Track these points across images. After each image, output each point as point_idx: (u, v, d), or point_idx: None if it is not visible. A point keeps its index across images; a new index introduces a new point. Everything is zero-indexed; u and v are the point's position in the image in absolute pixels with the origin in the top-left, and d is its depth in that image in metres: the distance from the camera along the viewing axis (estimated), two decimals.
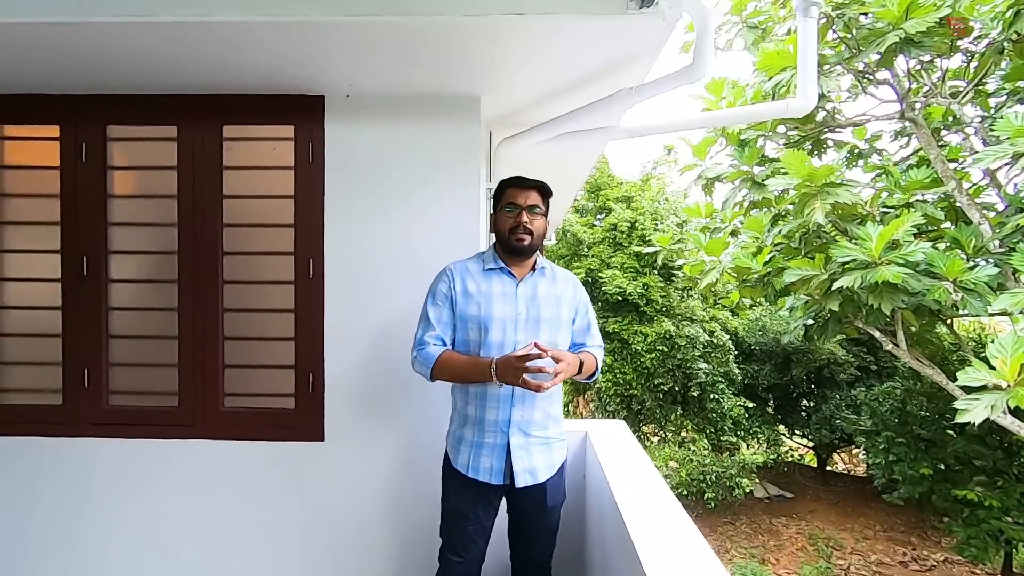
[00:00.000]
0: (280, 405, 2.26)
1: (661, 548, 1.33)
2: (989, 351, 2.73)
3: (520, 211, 1.75)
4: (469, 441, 1.77)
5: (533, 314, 1.77)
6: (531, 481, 1.75)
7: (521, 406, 1.74)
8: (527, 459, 1.75)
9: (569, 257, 11.17)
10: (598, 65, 1.87)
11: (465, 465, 1.77)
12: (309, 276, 2.18)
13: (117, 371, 2.28)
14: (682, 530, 1.42)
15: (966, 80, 4.67)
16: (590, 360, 1.84)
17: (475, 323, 1.74)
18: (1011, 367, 2.60)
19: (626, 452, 2.03)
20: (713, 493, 9.66)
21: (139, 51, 1.84)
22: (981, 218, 4.02)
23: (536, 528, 1.86)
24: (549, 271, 1.87)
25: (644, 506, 1.64)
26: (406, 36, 1.70)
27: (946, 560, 8.75)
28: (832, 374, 10.60)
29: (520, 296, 1.78)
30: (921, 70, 4.75)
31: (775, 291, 4.88)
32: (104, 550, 2.31)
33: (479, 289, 1.77)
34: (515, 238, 1.74)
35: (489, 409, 1.73)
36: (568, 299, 1.86)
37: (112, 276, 2.24)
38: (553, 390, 1.80)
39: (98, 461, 2.28)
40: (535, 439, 1.78)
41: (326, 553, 2.30)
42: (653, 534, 1.41)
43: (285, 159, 2.19)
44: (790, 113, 2.06)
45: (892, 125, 5.45)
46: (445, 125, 2.17)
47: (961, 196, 4.15)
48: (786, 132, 5.23)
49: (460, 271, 1.80)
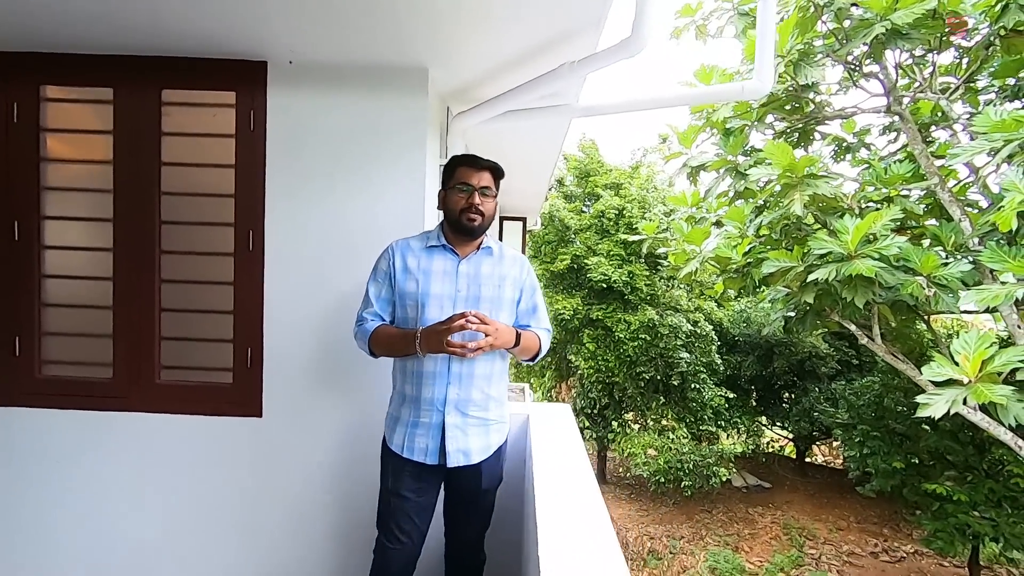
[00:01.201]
0: (218, 379, 2.21)
1: (561, 528, 1.33)
2: (953, 347, 2.71)
3: (473, 192, 1.71)
4: (405, 421, 1.75)
5: (473, 292, 1.74)
6: (463, 462, 1.72)
7: (458, 384, 1.71)
8: (462, 439, 1.72)
9: (556, 243, 11.11)
10: (543, 38, 1.81)
11: (400, 445, 1.74)
12: (249, 248, 2.12)
13: (50, 340, 2.21)
14: (590, 513, 1.41)
15: (957, 76, 4.61)
16: (531, 337, 1.80)
17: (412, 300, 1.72)
18: (973, 363, 2.58)
19: (559, 436, 2.01)
20: (690, 481, 9.75)
21: (76, 7, 1.74)
22: (962, 215, 3.98)
23: (469, 509, 1.84)
24: (496, 251, 1.83)
25: (558, 489, 1.61)
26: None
27: (916, 552, 8.91)
28: (814, 367, 10.68)
29: (461, 274, 1.75)
30: (913, 64, 4.68)
31: (754, 282, 4.85)
32: (36, 522, 2.27)
33: (419, 266, 1.74)
34: (466, 218, 1.71)
35: (425, 387, 1.71)
36: (513, 279, 1.82)
37: (46, 242, 2.16)
38: (494, 370, 1.78)
39: (29, 431, 2.22)
40: (473, 419, 1.75)
41: (263, 530, 2.27)
42: (557, 516, 1.40)
43: (226, 127, 2.11)
44: (746, 95, 2.01)
45: (881, 119, 5.39)
46: (392, 97, 2.10)
47: (943, 192, 4.11)
48: (773, 122, 5.17)
49: (401, 248, 1.78)
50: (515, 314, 1.85)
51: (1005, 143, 2.79)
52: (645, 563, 8.60)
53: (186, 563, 2.29)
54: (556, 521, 1.36)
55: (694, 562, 8.72)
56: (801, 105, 4.77)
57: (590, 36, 1.77)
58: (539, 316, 1.90)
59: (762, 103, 4.59)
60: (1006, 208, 2.67)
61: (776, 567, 8.49)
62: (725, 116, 4.77)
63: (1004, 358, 2.61)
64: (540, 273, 11.45)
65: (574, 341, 11.17)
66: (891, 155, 5.23)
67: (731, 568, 8.47)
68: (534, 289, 1.89)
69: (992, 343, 2.66)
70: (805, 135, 5.13)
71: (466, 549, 1.91)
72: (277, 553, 2.28)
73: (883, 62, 4.43)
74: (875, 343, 4.45)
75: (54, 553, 2.28)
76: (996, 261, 2.86)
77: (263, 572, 2.28)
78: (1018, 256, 2.76)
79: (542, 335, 1.87)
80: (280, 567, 2.28)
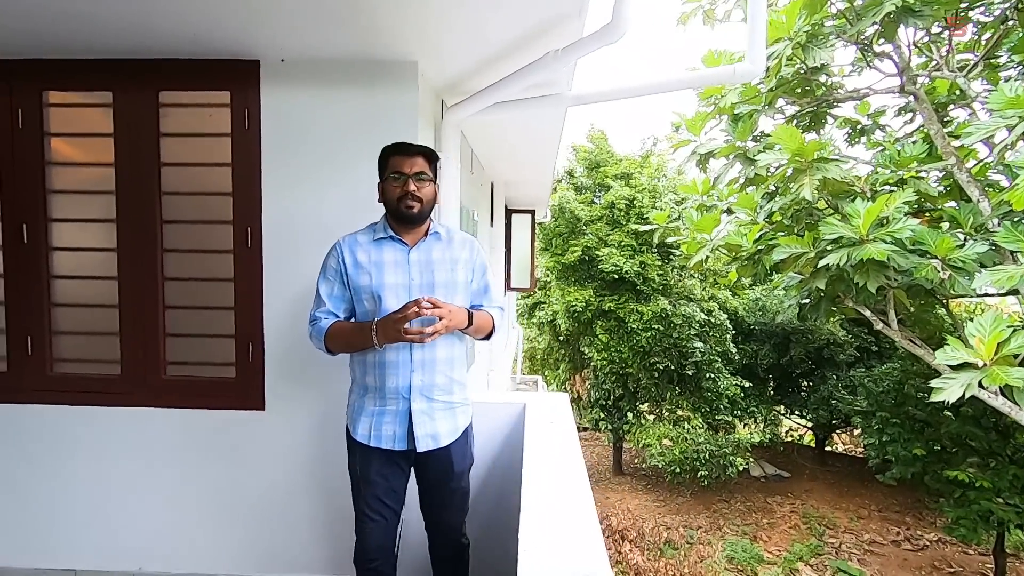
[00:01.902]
0: (221, 374, 2.25)
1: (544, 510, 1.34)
2: (968, 330, 2.65)
3: (407, 179, 1.70)
4: (370, 411, 1.76)
5: (427, 279, 1.75)
6: (433, 445, 1.75)
7: (421, 371, 1.73)
8: (429, 424, 1.75)
9: (567, 235, 11.08)
10: (527, 26, 1.80)
11: (366, 435, 1.76)
12: (247, 245, 2.14)
13: (61, 339, 2.27)
14: (574, 497, 1.41)
15: (976, 53, 4.46)
16: (483, 317, 1.82)
17: (368, 293, 1.72)
18: (987, 346, 2.52)
19: (553, 424, 2.00)
20: (706, 471, 9.71)
21: (74, 12, 1.77)
22: (981, 195, 3.88)
23: (445, 492, 1.86)
24: (444, 235, 1.84)
25: (546, 474, 1.62)
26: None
27: (939, 540, 8.78)
28: (831, 355, 10.53)
29: (413, 263, 1.75)
30: (930, 43, 4.54)
31: (765, 269, 4.78)
32: (50, 513, 2.35)
33: (369, 259, 1.74)
34: (404, 205, 1.70)
35: (389, 376, 1.72)
36: (464, 261, 1.82)
37: (53, 244, 2.22)
38: (454, 354, 1.80)
39: (42, 427, 2.29)
40: (438, 403, 1.77)
41: (267, 519, 2.32)
42: (542, 499, 1.41)
43: (222, 126, 2.13)
44: (737, 78, 1.97)
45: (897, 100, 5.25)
46: (383, 91, 2.10)
47: (960, 173, 4.00)
48: (783, 106, 5.07)
49: (348, 244, 1.77)
50: (469, 296, 1.86)
51: (1020, 120, 2.70)
52: (662, 553, 8.60)
53: (193, 550, 2.35)
54: (540, 503, 1.37)
55: (711, 552, 8.70)
56: (812, 88, 4.67)
57: (574, 24, 1.76)
58: (491, 295, 1.91)
59: (771, 87, 4.51)
60: (1020, 186, 2.59)
61: (795, 556, 8.43)
62: (733, 102, 4.68)
63: (1020, 340, 2.54)
64: (551, 265, 11.43)
65: (587, 333, 11.16)
66: (907, 136, 5.10)
67: (749, 557, 8.43)
68: (484, 269, 1.90)
69: (1009, 326, 2.60)
70: (817, 118, 5.02)
71: (449, 533, 1.93)
72: (278, 539, 2.33)
73: (896, 41, 4.31)
74: (891, 328, 4.36)
75: (67, 542, 2.35)
76: (1012, 241, 2.78)
77: (268, 558, 2.34)
78: None
79: (494, 313, 1.89)
80: (284, 554, 2.34)
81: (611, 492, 11.12)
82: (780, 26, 3.93)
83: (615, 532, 9.02)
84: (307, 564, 2.34)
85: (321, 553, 2.33)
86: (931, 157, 4.10)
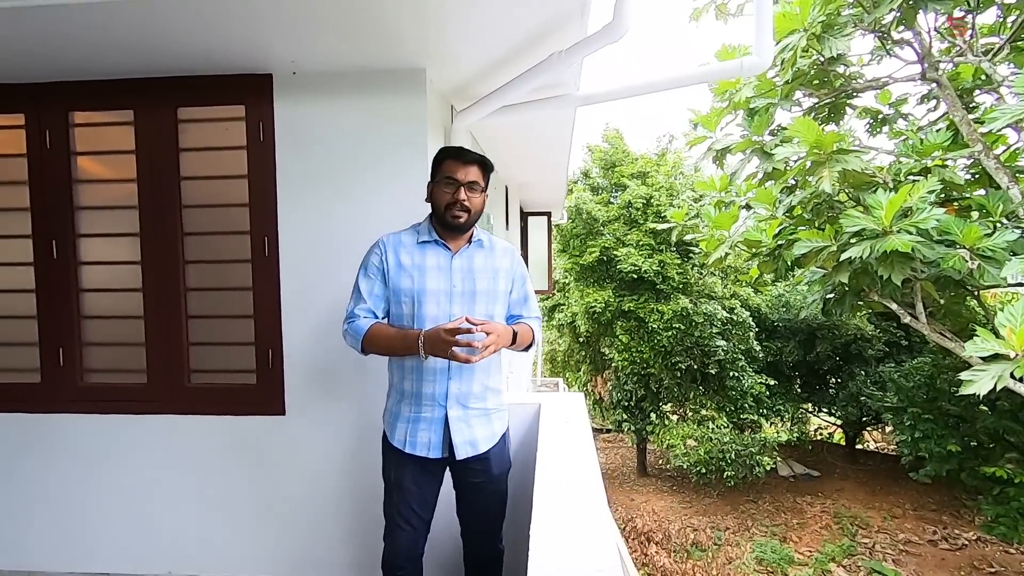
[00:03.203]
0: (243, 381, 2.31)
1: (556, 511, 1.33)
2: (998, 320, 2.56)
3: (459, 187, 1.67)
4: (405, 417, 1.75)
5: (468, 287, 1.73)
6: (472, 452, 1.74)
7: (459, 379, 1.72)
8: (467, 431, 1.74)
9: (584, 236, 11.04)
10: (531, 29, 1.81)
11: (402, 441, 1.75)
12: (264, 254, 2.20)
13: (90, 350, 2.35)
14: (586, 496, 1.40)
15: (1001, 36, 4.33)
16: (525, 331, 1.80)
17: (408, 296, 1.70)
18: (1019, 336, 2.43)
19: (567, 424, 1.99)
20: (732, 471, 9.56)
21: (96, 35, 1.84)
22: (1011, 181, 3.76)
23: (484, 498, 1.85)
24: (487, 243, 1.83)
25: (559, 474, 1.60)
26: (341, 4, 1.65)
27: (978, 539, 8.49)
28: (860, 350, 10.28)
29: (455, 269, 1.73)
30: (952, 28, 4.42)
31: (786, 264, 4.70)
32: (80, 519, 2.43)
33: (412, 262, 1.71)
34: (451, 215, 1.68)
35: (426, 383, 1.71)
36: (505, 271, 1.81)
37: (82, 259, 2.30)
38: (491, 362, 1.78)
39: (75, 436, 2.38)
40: (474, 411, 1.76)
41: (289, 521, 2.37)
42: (554, 499, 1.40)
43: (237, 139, 2.19)
44: (745, 72, 1.95)
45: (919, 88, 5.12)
46: (392, 99, 2.13)
47: (988, 160, 3.88)
48: (800, 99, 4.98)
49: (393, 244, 1.74)
50: (507, 304, 1.85)
51: None
52: (689, 555, 8.48)
53: (218, 553, 2.41)
54: (552, 502, 1.36)
55: (740, 553, 8.55)
56: (829, 79, 4.58)
57: (577, 24, 1.76)
58: (530, 305, 1.90)
59: (787, 79, 4.44)
60: None
61: (827, 557, 8.24)
62: (748, 96, 4.62)
63: None
64: (570, 267, 11.40)
65: (607, 334, 11.09)
66: (931, 124, 4.97)
67: (779, 559, 8.26)
68: (524, 278, 1.89)
69: None
70: (836, 110, 4.92)
71: (485, 540, 1.91)
72: (302, 542, 2.38)
73: (915, 27, 4.21)
74: (920, 322, 4.24)
75: (100, 546, 2.44)
76: None
77: (290, 561, 2.39)
78: None
79: (534, 324, 1.88)
80: (305, 555, 2.38)
81: (636, 494, 11.02)
82: (794, 17, 3.87)
83: (641, 534, 8.93)
84: (333, 566, 2.38)
85: (347, 555, 2.37)
86: (956, 145, 3.99)
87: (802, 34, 3.89)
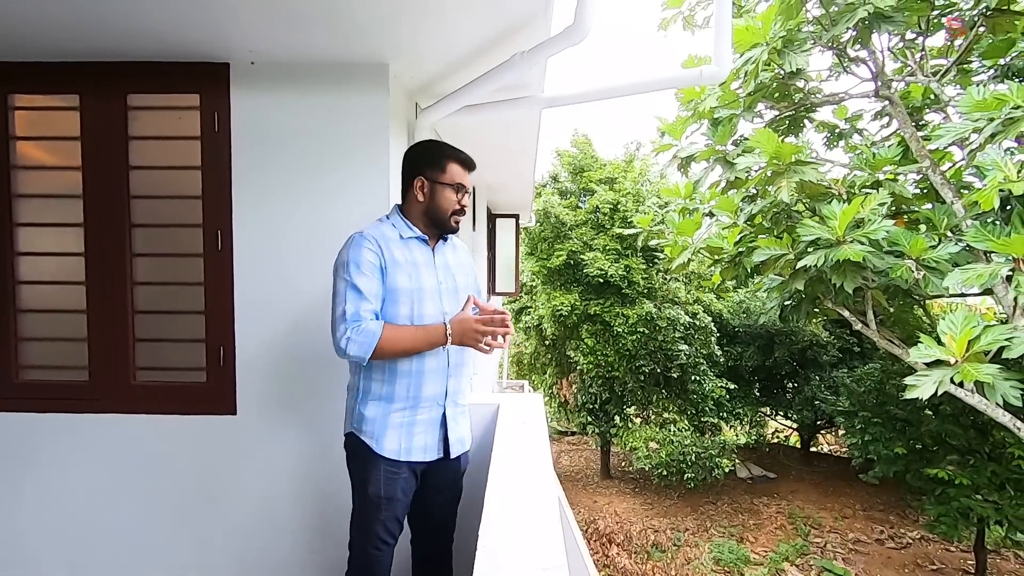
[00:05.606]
0: (192, 379, 2.22)
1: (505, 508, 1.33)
2: (940, 328, 2.70)
3: (465, 195, 1.70)
4: (398, 423, 1.64)
5: (451, 283, 1.72)
6: (462, 449, 1.75)
7: (456, 377, 1.71)
8: (457, 428, 1.74)
9: (551, 239, 11.09)
10: (495, 28, 1.81)
11: (396, 449, 1.63)
12: (217, 248, 2.12)
13: (27, 345, 2.23)
14: (537, 501, 1.38)
15: (949, 58, 4.56)
16: None
17: (407, 296, 1.60)
18: (959, 344, 2.57)
19: (525, 426, 1.99)
20: (692, 473, 9.74)
21: (39, 13, 1.74)
22: (955, 196, 3.95)
23: (447, 498, 1.82)
24: (450, 238, 1.83)
25: (511, 476, 1.58)
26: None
27: (922, 538, 8.88)
28: (815, 356, 10.64)
29: (439, 266, 1.72)
30: (904, 48, 4.64)
31: (746, 271, 4.83)
32: (15, 523, 2.30)
33: (406, 258, 1.63)
34: (454, 220, 1.70)
35: (427, 385, 1.64)
36: (469, 266, 1.85)
37: (19, 249, 2.18)
38: (468, 359, 1.80)
39: (9, 436, 2.25)
40: (460, 408, 1.77)
41: (239, 525, 2.29)
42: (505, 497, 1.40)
43: (191, 129, 2.11)
44: (704, 80, 2.01)
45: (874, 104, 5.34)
46: (354, 94, 2.09)
47: (935, 175, 4.08)
48: (762, 111, 5.13)
49: (382, 239, 1.61)
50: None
51: (988, 122, 2.76)
52: (649, 556, 8.60)
53: (165, 559, 2.31)
54: (503, 502, 1.36)
55: (698, 554, 8.71)
56: (790, 92, 4.74)
57: (541, 25, 1.77)
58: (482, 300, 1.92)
59: (749, 91, 4.56)
60: (987, 187, 2.65)
61: (781, 556, 8.48)
62: (712, 106, 4.73)
63: (990, 337, 2.59)
64: (537, 270, 11.45)
65: (573, 337, 11.16)
66: (884, 140, 5.19)
67: (735, 559, 8.46)
68: (476, 273, 1.91)
69: (978, 323, 2.64)
70: (795, 122, 5.09)
71: (446, 537, 1.86)
72: (253, 547, 2.30)
73: (871, 47, 4.39)
74: (870, 329, 4.42)
75: (36, 553, 2.30)
76: (981, 240, 2.84)
77: (239, 566, 2.31)
78: (1002, 235, 2.74)
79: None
80: (256, 560, 2.30)
81: (599, 496, 11.12)
82: (757, 32, 3.99)
83: (603, 536, 9.01)
84: (284, 571, 2.30)
85: (299, 559, 2.30)
86: (906, 160, 4.18)
87: (764, 48, 4.01)
